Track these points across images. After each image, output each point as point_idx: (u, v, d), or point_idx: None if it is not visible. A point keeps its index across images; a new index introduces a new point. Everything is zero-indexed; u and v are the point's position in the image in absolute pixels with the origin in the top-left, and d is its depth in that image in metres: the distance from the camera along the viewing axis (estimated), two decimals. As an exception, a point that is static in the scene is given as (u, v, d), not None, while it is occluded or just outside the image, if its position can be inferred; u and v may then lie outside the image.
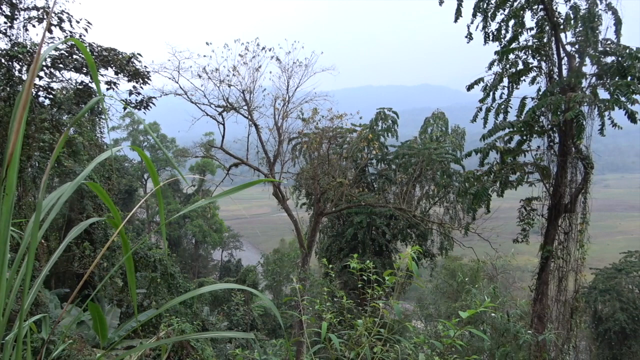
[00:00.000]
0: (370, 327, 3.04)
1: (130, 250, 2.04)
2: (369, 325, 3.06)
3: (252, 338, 1.74)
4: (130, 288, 2.18)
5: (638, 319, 27.40)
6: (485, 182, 14.41)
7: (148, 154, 33.60)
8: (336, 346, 2.72)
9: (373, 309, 3.24)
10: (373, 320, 3.08)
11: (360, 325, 3.08)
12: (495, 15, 14.12)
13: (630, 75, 12.08)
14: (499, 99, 14.59)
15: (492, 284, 11.18)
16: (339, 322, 3.92)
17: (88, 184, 2.15)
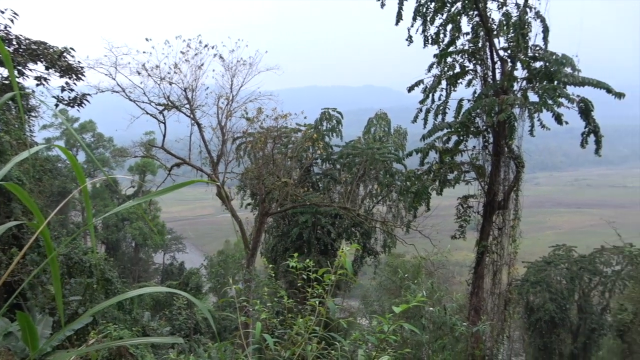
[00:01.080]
0: (308, 326, 3.05)
1: (54, 252, 1.92)
2: (308, 325, 3.07)
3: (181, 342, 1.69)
4: (56, 293, 2.06)
5: (565, 308, 29.27)
6: (425, 181, 14.88)
7: (82, 154, 31.70)
8: (271, 346, 2.71)
9: (317, 307, 3.26)
10: (310, 319, 3.09)
11: (298, 325, 3.09)
12: (434, 20, 14.61)
13: (557, 80, 12.87)
14: (438, 101, 15.10)
15: (430, 280, 11.58)
16: (281, 322, 3.90)
17: (6, 186, 2.00)
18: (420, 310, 8.18)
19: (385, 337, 2.83)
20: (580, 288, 29.89)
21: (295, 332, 3.06)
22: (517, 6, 13.62)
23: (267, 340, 2.70)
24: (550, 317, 28.22)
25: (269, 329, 3.90)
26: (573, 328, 29.87)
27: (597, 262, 29.75)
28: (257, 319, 4.44)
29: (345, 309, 33.04)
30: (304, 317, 3.13)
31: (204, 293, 30.15)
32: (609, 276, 29.54)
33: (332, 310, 3.01)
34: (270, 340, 2.68)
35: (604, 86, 12.36)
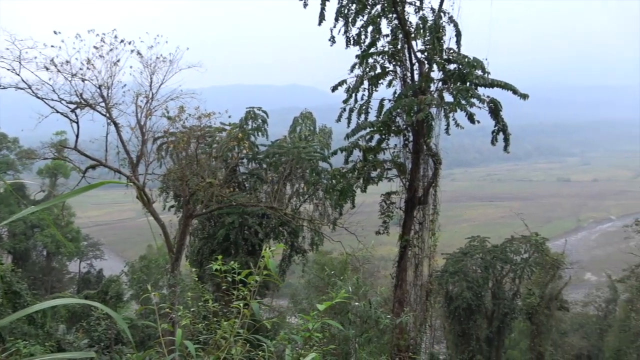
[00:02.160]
0: (232, 329, 3.00)
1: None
2: (232, 327, 3.02)
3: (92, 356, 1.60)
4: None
5: (481, 295, 31.23)
6: (350, 178, 15.22)
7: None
8: (192, 353, 2.63)
9: (241, 309, 3.21)
10: (234, 322, 3.04)
11: (222, 328, 3.03)
12: (355, 21, 14.95)
13: (469, 81, 13.70)
14: (361, 100, 15.49)
15: (356, 275, 11.88)
16: (206, 327, 3.81)
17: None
18: (346, 305, 8.37)
19: (310, 335, 2.86)
20: (493, 276, 32.02)
21: (219, 336, 3.00)
22: (432, 11, 14.31)
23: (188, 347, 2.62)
24: (467, 304, 29.96)
25: (194, 334, 3.80)
26: (488, 313, 31.97)
27: (507, 251, 32.01)
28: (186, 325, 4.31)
29: (274, 309, 32.99)
30: (225, 321, 3.08)
31: (126, 301, 28.71)
32: (518, 264, 31.90)
33: (256, 311, 2.99)
34: (191, 347, 2.61)
35: (511, 88, 13.35)
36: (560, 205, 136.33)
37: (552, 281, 28.29)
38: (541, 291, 27.61)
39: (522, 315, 29.42)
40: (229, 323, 3.08)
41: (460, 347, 31.17)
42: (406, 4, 14.55)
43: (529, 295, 27.88)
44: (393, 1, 14.15)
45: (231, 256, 21.65)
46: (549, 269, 28.19)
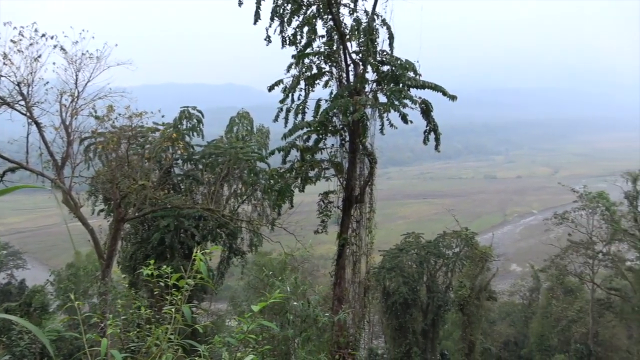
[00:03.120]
0: (164, 335, 2.91)
1: None
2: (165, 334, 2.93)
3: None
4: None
5: (416, 290, 32.34)
6: (288, 178, 15.22)
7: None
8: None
9: (173, 315, 3.12)
10: (166, 328, 2.95)
11: (154, 335, 2.93)
12: (291, 21, 14.97)
13: (402, 83, 14.14)
14: (298, 100, 15.53)
15: (295, 275, 11.91)
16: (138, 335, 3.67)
17: None
18: (285, 305, 8.37)
19: (245, 337, 2.83)
20: (427, 270, 33.27)
21: (150, 344, 2.89)
22: (366, 13, 14.62)
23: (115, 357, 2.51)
24: (404, 299, 30.93)
25: (125, 343, 3.64)
26: (423, 307, 33.17)
27: (440, 246, 33.37)
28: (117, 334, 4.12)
29: (213, 313, 32.32)
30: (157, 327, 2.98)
31: (52, 312, 26.95)
32: (450, 258, 33.35)
33: (188, 316, 2.92)
34: (117, 357, 2.49)
35: (440, 89, 13.92)
36: (488, 201, 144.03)
37: (481, 273, 29.80)
38: (471, 283, 29.00)
39: (454, 306, 30.77)
40: (161, 329, 2.97)
41: (397, 340, 32.11)
42: (341, 6, 14.76)
43: (460, 287, 29.19)
44: (328, 2, 14.31)
45: (167, 260, 20.98)
46: (478, 262, 29.67)
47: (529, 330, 40.07)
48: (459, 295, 29.12)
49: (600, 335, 33.73)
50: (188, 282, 3.09)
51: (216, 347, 3.13)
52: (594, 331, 33.20)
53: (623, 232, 26.62)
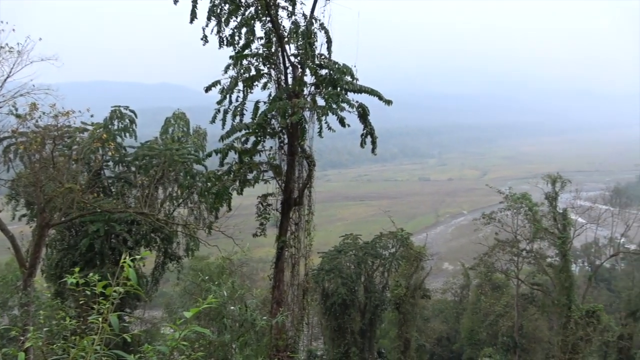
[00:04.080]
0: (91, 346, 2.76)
1: None
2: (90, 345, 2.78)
3: None
4: None
5: (354, 290, 32.86)
6: (225, 181, 14.97)
7: None
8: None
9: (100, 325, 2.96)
10: (92, 339, 2.81)
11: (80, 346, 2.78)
12: (228, 22, 14.75)
13: (340, 87, 14.34)
14: (236, 102, 15.33)
15: (232, 279, 11.73)
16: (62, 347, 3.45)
17: None
18: (222, 310, 8.21)
19: (178, 345, 2.75)
20: (365, 271, 33.92)
21: (75, 356, 2.73)
22: (304, 17, 14.70)
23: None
24: (342, 300, 31.31)
25: (47, 356, 3.42)
26: (361, 307, 33.77)
27: (377, 246, 34.14)
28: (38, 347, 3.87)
29: (147, 321, 31.12)
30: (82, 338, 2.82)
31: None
32: (387, 258, 34.20)
33: (116, 325, 2.79)
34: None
35: (377, 94, 14.27)
36: (422, 203, 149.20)
37: (416, 272, 30.81)
38: (407, 282, 29.91)
39: (391, 305, 31.57)
40: (86, 340, 2.82)
41: (336, 341, 32.46)
42: (279, 9, 14.75)
43: (396, 286, 30.01)
44: (266, 4, 14.26)
45: (96, 268, 19.94)
46: (413, 261, 30.66)
47: (460, 325, 41.96)
48: (395, 294, 29.93)
49: (525, 327, 35.93)
50: (116, 290, 2.95)
51: (147, 357, 3.02)
52: (519, 324, 35.31)
53: (544, 231, 28.48)
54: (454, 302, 45.78)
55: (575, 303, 26.47)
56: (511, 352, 35.08)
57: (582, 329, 26.24)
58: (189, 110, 29.36)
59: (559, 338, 27.28)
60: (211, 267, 26.78)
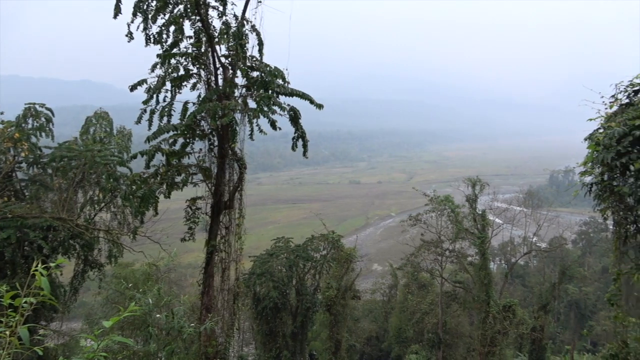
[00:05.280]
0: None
1: None
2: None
3: None
4: None
5: (286, 293, 32.83)
6: (152, 184, 14.38)
7: None
8: None
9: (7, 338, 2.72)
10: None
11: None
12: (156, 19, 14.22)
13: (271, 90, 14.28)
14: (163, 102, 14.79)
15: (158, 286, 11.28)
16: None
17: None
18: (147, 319, 7.86)
19: (96, 356, 2.59)
20: (297, 274, 34.00)
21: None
22: (235, 18, 14.51)
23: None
24: (274, 303, 31.17)
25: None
26: (293, 310, 33.79)
27: (309, 249, 34.35)
28: None
29: (65, 333, 29.12)
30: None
31: None
32: (318, 260, 34.50)
33: (26, 339, 2.58)
34: None
35: (308, 98, 14.37)
36: (352, 205, 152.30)
37: (346, 274, 31.34)
38: (338, 284, 30.34)
39: (322, 307, 31.86)
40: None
41: (267, 345, 32.24)
42: (209, 8, 14.45)
43: (327, 288, 30.35)
44: (196, 3, 13.92)
45: (6, 278, 18.40)
46: (343, 263, 31.16)
47: (389, 324, 43.25)
48: (327, 296, 30.26)
49: (448, 324, 37.69)
50: (27, 301, 2.73)
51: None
52: (442, 321, 36.97)
53: (465, 231, 30.07)
54: (383, 301, 47.09)
55: (493, 299, 28.15)
56: (436, 347, 36.65)
57: (499, 323, 27.97)
58: (113, 109, 28.01)
59: (479, 332, 28.89)
60: (136, 274, 25.59)
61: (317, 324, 36.36)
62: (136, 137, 26.18)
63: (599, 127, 10.76)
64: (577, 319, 51.15)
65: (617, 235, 10.83)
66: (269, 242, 37.38)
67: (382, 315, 45.29)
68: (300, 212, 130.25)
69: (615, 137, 9.53)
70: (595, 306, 50.26)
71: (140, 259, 22.71)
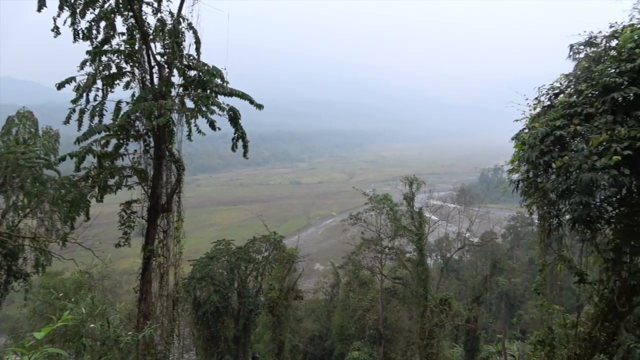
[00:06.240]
0: None
1: None
2: None
3: None
4: None
5: (228, 297, 32.32)
6: (82, 187, 13.63)
7: None
8: None
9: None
10: None
11: None
12: (84, 13, 13.49)
13: (210, 89, 13.99)
14: (94, 101, 14.09)
15: (91, 294, 10.71)
16: None
17: None
18: (80, 329, 7.43)
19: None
20: (238, 276, 33.58)
21: None
22: (171, 15, 14.08)
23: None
24: (215, 307, 30.60)
25: None
26: (235, 313, 33.32)
27: (250, 251, 34.03)
28: None
29: None
30: None
31: None
32: (260, 262, 34.25)
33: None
34: None
35: (248, 98, 14.22)
36: (294, 206, 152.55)
37: (288, 274, 31.33)
38: (280, 285, 30.27)
39: (264, 309, 31.67)
40: None
41: (209, 350, 31.58)
42: (143, 4, 13.92)
43: (270, 290, 30.20)
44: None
45: None
46: (286, 264, 31.13)
47: (331, 323, 43.69)
48: (269, 298, 30.11)
49: (389, 319, 38.67)
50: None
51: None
52: (383, 317, 37.88)
53: (403, 229, 30.97)
54: (325, 300, 47.50)
55: (430, 293, 29.20)
56: (377, 343, 37.49)
57: (436, 316, 29.05)
58: (39, 109, 26.33)
59: (418, 326, 29.86)
60: (66, 284, 24.16)
61: (259, 326, 36.07)
62: (64, 139, 24.72)
63: (524, 127, 11.46)
64: (508, 309, 54.20)
65: (542, 229, 11.58)
66: (209, 245, 36.60)
67: (325, 314, 45.68)
68: (241, 213, 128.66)
69: (538, 137, 10.18)
70: (524, 296, 53.51)
71: (71, 267, 21.48)
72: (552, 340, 12.12)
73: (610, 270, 10.40)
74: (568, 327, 12.03)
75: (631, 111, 9.49)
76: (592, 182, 9.05)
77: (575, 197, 9.44)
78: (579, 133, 9.88)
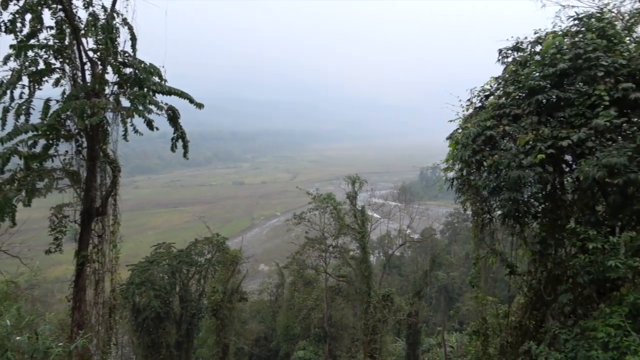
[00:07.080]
0: None
1: None
2: None
3: None
4: None
5: (169, 302, 31.42)
6: (7, 191, 12.74)
7: None
8: None
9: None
10: None
11: None
12: (7, 4, 12.63)
13: (147, 87, 13.50)
14: (19, 99, 13.24)
15: (16, 305, 10.04)
16: None
17: None
18: (4, 342, 6.94)
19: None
20: (180, 280, 32.73)
21: None
22: (104, 9, 13.48)
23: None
24: (156, 313, 29.63)
25: None
26: (177, 318, 32.44)
27: (192, 254, 33.27)
28: None
29: None
30: None
31: None
32: (202, 265, 33.57)
33: None
34: None
35: (187, 97, 13.87)
36: (237, 206, 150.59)
37: (232, 276, 30.91)
38: (224, 287, 29.79)
39: (208, 313, 31.07)
40: None
41: (150, 358, 30.57)
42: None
43: (213, 292, 29.65)
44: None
45: None
46: (229, 266, 30.68)
47: (277, 323, 43.56)
48: (212, 301, 29.55)
49: (333, 317, 39.10)
50: None
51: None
52: (328, 315, 38.24)
53: (346, 227, 31.42)
54: (270, 301, 47.30)
55: (373, 289, 29.83)
56: (322, 341, 37.79)
57: (379, 312, 29.72)
58: (-46, 107, 24.23)
59: (362, 322, 30.41)
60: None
61: (203, 330, 35.34)
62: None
63: (458, 127, 11.99)
64: (447, 302, 56.37)
65: (475, 224, 12.18)
66: (148, 249, 35.40)
67: (270, 314, 45.48)
68: (182, 215, 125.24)
69: (471, 136, 10.70)
70: (461, 289, 55.85)
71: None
72: (486, 330, 12.76)
73: (537, 262, 11.10)
74: (500, 317, 12.72)
75: (554, 112, 10.19)
76: (520, 179, 9.63)
77: (505, 194, 10.01)
78: (507, 133, 10.48)
